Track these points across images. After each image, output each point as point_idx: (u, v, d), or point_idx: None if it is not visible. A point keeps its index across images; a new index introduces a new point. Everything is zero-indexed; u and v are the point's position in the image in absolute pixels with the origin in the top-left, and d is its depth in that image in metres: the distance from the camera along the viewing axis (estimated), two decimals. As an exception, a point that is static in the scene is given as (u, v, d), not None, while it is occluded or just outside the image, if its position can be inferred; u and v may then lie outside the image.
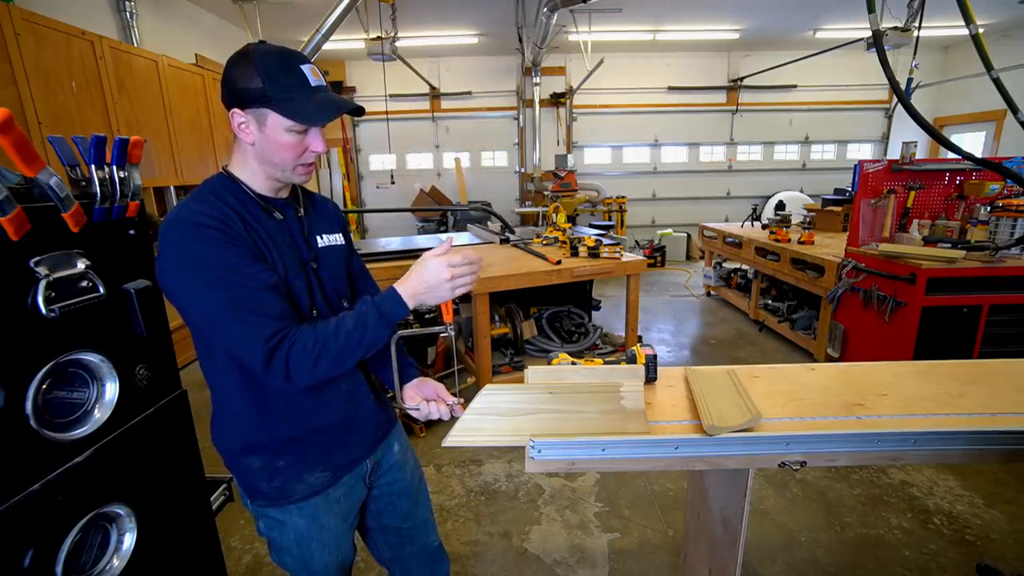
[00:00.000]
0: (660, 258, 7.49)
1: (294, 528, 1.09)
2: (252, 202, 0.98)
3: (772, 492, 2.36)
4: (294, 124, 0.92)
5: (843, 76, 7.87)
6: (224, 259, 0.87)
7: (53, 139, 0.92)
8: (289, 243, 1.01)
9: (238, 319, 0.87)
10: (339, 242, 1.14)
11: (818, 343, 3.71)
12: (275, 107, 0.90)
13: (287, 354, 0.88)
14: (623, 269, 3.33)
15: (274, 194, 1.03)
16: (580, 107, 7.89)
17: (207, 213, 0.89)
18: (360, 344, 0.93)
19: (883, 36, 1.84)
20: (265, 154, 0.95)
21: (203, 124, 4.72)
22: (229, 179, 0.99)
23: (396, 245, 4.38)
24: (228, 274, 0.87)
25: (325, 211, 1.16)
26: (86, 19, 3.66)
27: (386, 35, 4.66)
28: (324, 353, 0.90)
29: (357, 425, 1.12)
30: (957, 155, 1.77)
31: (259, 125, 0.92)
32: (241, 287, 0.88)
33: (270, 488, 1.05)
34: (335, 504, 1.11)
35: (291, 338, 0.89)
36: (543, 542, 2.10)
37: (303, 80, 0.92)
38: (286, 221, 1.03)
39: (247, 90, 0.90)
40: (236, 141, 0.98)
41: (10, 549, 0.81)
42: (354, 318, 0.94)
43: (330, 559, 1.14)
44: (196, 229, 0.87)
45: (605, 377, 1.25)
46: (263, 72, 0.89)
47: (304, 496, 1.07)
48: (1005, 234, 2.81)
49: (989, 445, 1.06)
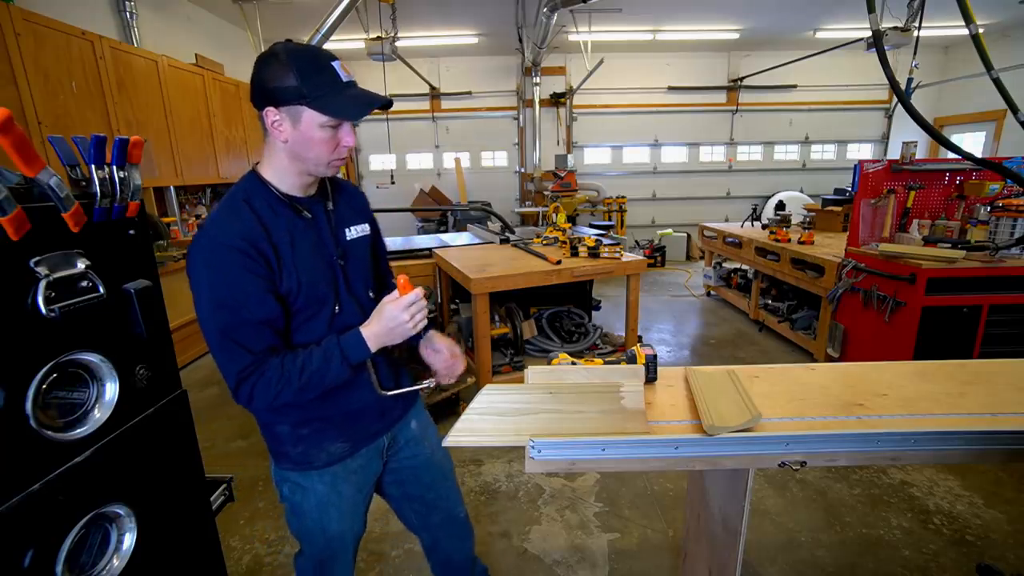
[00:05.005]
0: (660, 258, 7.49)
1: (315, 493, 1.16)
2: (281, 204, 1.03)
3: (772, 492, 2.36)
4: (328, 120, 0.94)
5: (843, 76, 7.87)
6: (234, 287, 0.94)
7: (53, 139, 0.92)
8: (316, 242, 1.06)
9: (222, 347, 0.96)
10: (365, 232, 1.19)
11: (818, 343, 3.71)
12: (310, 104, 0.93)
13: (252, 386, 0.97)
14: (623, 269, 3.33)
15: (303, 192, 1.07)
16: (580, 107, 7.88)
17: (237, 233, 0.95)
18: (321, 383, 1.01)
19: (883, 36, 1.84)
20: (299, 151, 0.98)
21: (203, 124, 4.72)
22: (259, 181, 1.03)
23: (397, 245, 4.39)
24: (231, 303, 0.94)
25: (353, 200, 1.21)
26: (86, 19, 3.66)
27: (386, 35, 4.66)
28: (286, 387, 0.98)
29: (377, 406, 1.20)
30: (957, 155, 1.77)
31: (293, 123, 0.95)
32: (237, 319, 0.95)
33: (295, 453, 1.13)
34: (352, 474, 1.18)
35: (260, 371, 0.97)
36: (543, 542, 2.10)
37: (335, 76, 0.95)
38: (315, 219, 1.07)
39: (281, 88, 0.92)
40: (267, 141, 1.01)
41: (10, 549, 0.81)
42: (320, 358, 1.00)
43: (345, 528, 1.20)
44: (222, 251, 0.94)
45: (605, 377, 1.25)
46: (297, 70, 0.91)
47: (325, 464, 1.14)
48: (1005, 234, 2.81)
49: (989, 445, 1.06)
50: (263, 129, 0.99)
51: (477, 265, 3.21)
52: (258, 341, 0.97)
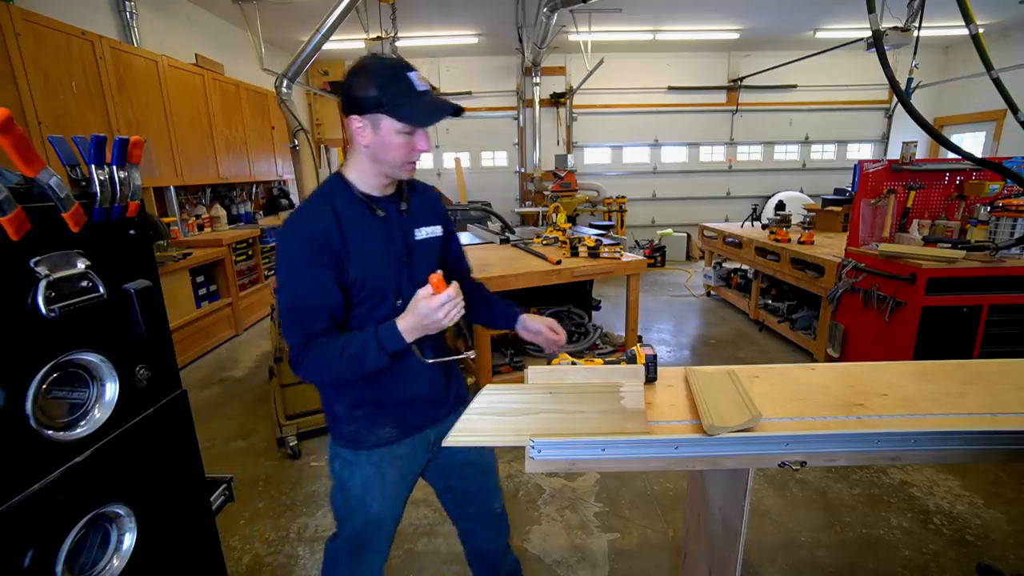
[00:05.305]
0: (660, 258, 7.49)
1: (361, 472, 1.25)
2: (358, 202, 1.14)
3: (772, 492, 2.36)
4: (404, 126, 1.05)
5: (843, 76, 7.87)
6: (302, 274, 1.08)
7: (53, 139, 0.92)
8: (386, 239, 1.16)
9: (285, 320, 1.11)
10: (436, 234, 1.29)
11: (818, 343, 3.71)
12: (388, 112, 1.04)
13: (303, 360, 1.09)
14: (623, 269, 3.33)
15: (380, 192, 1.17)
16: (580, 107, 7.88)
17: (313, 226, 1.08)
18: (359, 369, 1.10)
19: (883, 36, 1.84)
20: (378, 154, 1.09)
21: (203, 124, 4.72)
22: (342, 182, 1.15)
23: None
24: (300, 285, 1.08)
25: (428, 203, 1.30)
26: (86, 19, 3.66)
27: (386, 35, 4.66)
28: (328, 366, 1.10)
29: (426, 400, 1.29)
30: (957, 155, 1.77)
31: (374, 129, 1.06)
32: (300, 301, 1.09)
33: (348, 431, 1.24)
34: (397, 460, 1.27)
35: (309, 348, 1.09)
36: (543, 542, 2.10)
37: (410, 87, 1.06)
38: (387, 217, 1.17)
39: (364, 98, 1.04)
40: (351, 145, 1.13)
41: (10, 549, 0.81)
42: (358, 344, 1.09)
43: (385, 511, 1.28)
44: (298, 240, 1.07)
45: (605, 377, 1.25)
46: (377, 83, 1.03)
47: (373, 445, 1.24)
48: (1005, 234, 2.81)
49: (989, 445, 1.06)
50: (349, 134, 1.10)
51: (477, 265, 3.19)
52: (313, 323, 1.09)
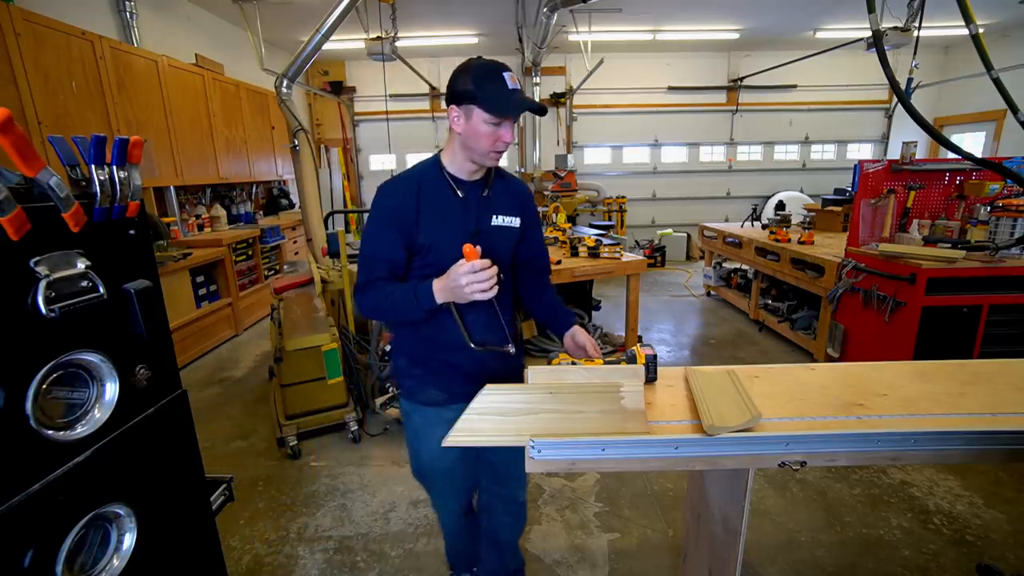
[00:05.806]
0: (660, 258, 7.49)
1: (412, 423, 1.48)
2: (444, 180, 1.31)
3: (772, 492, 2.36)
4: (491, 117, 1.19)
5: (843, 76, 7.87)
6: (381, 231, 1.29)
7: (53, 139, 0.92)
8: (460, 217, 1.31)
9: (360, 264, 1.32)
10: (514, 224, 1.39)
11: (818, 343, 3.71)
12: (479, 104, 1.18)
13: (361, 296, 1.31)
14: (623, 269, 3.33)
15: (468, 176, 1.32)
16: (580, 107, 7.88)
17: (395, 195, 1.28)
18: (400, 316, 1.31)
19: (883, 36, 1.83)
20: (468, 141, 1.24)
21: (203, 124, 4.72)
22: (436, 161, 1.33)
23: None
24: (373, 241, 1.30)
25: (512, 195, 1.41)
26: (86, 19, 3.66)
27: (386, 35, 4.66)
28: (376, 312, 1.32)
29: (473, 374, 1.37)
30: (957, 155, 1.77)
31: (467, 118, 1.21)
32: (373, 252, 1.30)
33: (406, 384, 1.44)
34: (445, 423, 1.29)
35: (367, 290, 1.29)
36: (543, 542, 2.10)
37: (503, 84, 1.19)
38: (466, 198, 1.31)
39: (462, 91, 1.19)
40: (450, 132, 1.29)
41: (10, 549, 0.81)
42: (401, 293, 1.26)
43: (433, 461, 1.47)
44: (382, 203, 1.29)
45: (605, 377, 1.25)
46: (473, 78, 1.18)
47: (423, 403, 1.42)
48: (1005, 234, 2.81)
49: (989, 445, 1.06)
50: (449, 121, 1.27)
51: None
52: (373, 271, 1.29)
